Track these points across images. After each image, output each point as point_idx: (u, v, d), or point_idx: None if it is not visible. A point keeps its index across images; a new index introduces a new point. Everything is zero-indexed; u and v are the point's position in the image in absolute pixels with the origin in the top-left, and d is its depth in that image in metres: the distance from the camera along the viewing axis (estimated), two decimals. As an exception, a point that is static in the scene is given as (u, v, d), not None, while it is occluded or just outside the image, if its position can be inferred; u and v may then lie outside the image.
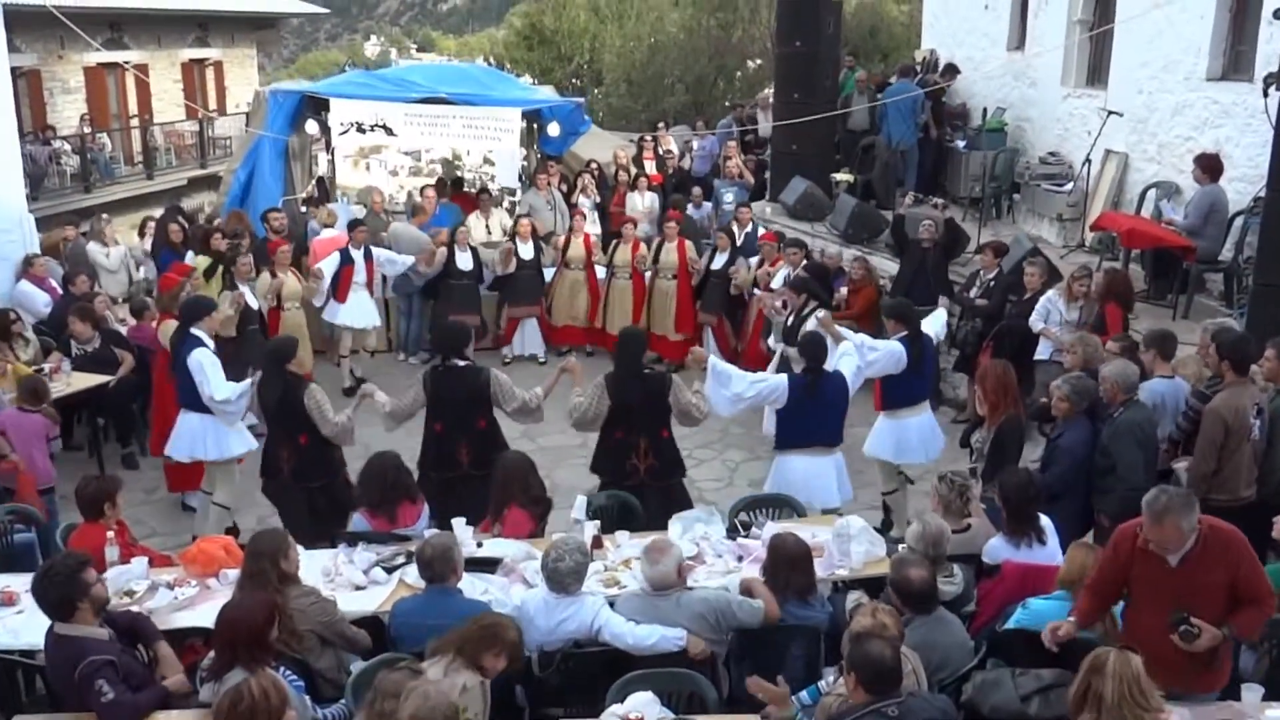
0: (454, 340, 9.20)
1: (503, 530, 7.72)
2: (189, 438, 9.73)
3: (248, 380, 9.34)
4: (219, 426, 9.63)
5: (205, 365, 9.36)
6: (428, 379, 9.00)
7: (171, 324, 10.10)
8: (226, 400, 9.29)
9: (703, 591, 6.52)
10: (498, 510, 7.84)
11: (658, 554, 6.40)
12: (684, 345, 14.38)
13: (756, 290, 13.44)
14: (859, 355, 9.27)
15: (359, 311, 14.05)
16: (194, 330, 9.54)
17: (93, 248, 14.54)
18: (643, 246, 15.03)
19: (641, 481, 8.77)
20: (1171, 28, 13.79)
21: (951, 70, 18.86)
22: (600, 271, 15.18)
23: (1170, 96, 13.87)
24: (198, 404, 9.50)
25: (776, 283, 12.79)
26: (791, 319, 11.50)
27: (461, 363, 9.01)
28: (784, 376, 9.08)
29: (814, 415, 8.84)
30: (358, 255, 13.92)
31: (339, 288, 13.77)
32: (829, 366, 9.04)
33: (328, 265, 13.64)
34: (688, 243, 14.87)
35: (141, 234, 15.40)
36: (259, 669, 5.32)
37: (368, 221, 15.59)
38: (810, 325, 10.47)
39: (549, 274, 15.23)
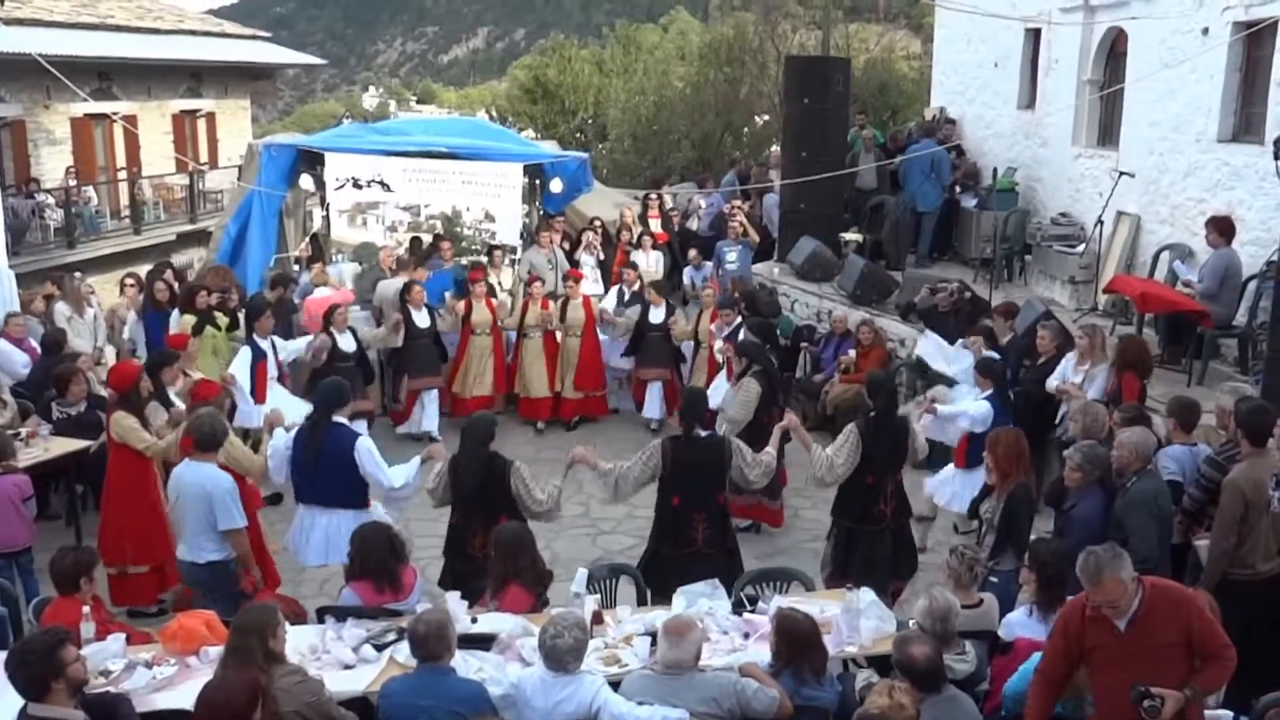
0: (697, 408, 8.96)
1: (500, 609, 7.45)
2: (323, 538, 8.93)
3: (417, 459, 8.92)
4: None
5: (375, 452, 8.86)
6: (667, 448, 8.68)
7: (231, 440, 8.94)
8: (405, 485, 8.85)
9: (717, 675, 6.27)
10: (497, 587, 7.60)
11: (677, 635, 6.16)
12: (585, 403, 14.73)
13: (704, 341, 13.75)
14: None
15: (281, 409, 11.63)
16: (336, 419, 8.96)
17: (59, 309, 13.73)
18: (551, 304, 14.77)
19: (887, 525, 9.01)
20: (1183, 87, 13.72)
21: (949, 121, 18.92)
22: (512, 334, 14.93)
23: (1182, 158, 13.77)
24: (346, 499, 8.87)
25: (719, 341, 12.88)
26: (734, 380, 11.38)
27: (704, 433, 8.79)
28: (987, 404, 9.79)
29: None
30: (267, 346, 12.20)
31: (256, 387, 11.93)
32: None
33: (240, 367, 11.83)
34: (593, 299, 14.92)
35: (122, 291, 14.81)
36: (241, 754, 5.10)
37: (370, 276, 15.29)
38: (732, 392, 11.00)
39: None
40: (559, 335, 14.71)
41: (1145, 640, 5.49)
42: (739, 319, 12.81)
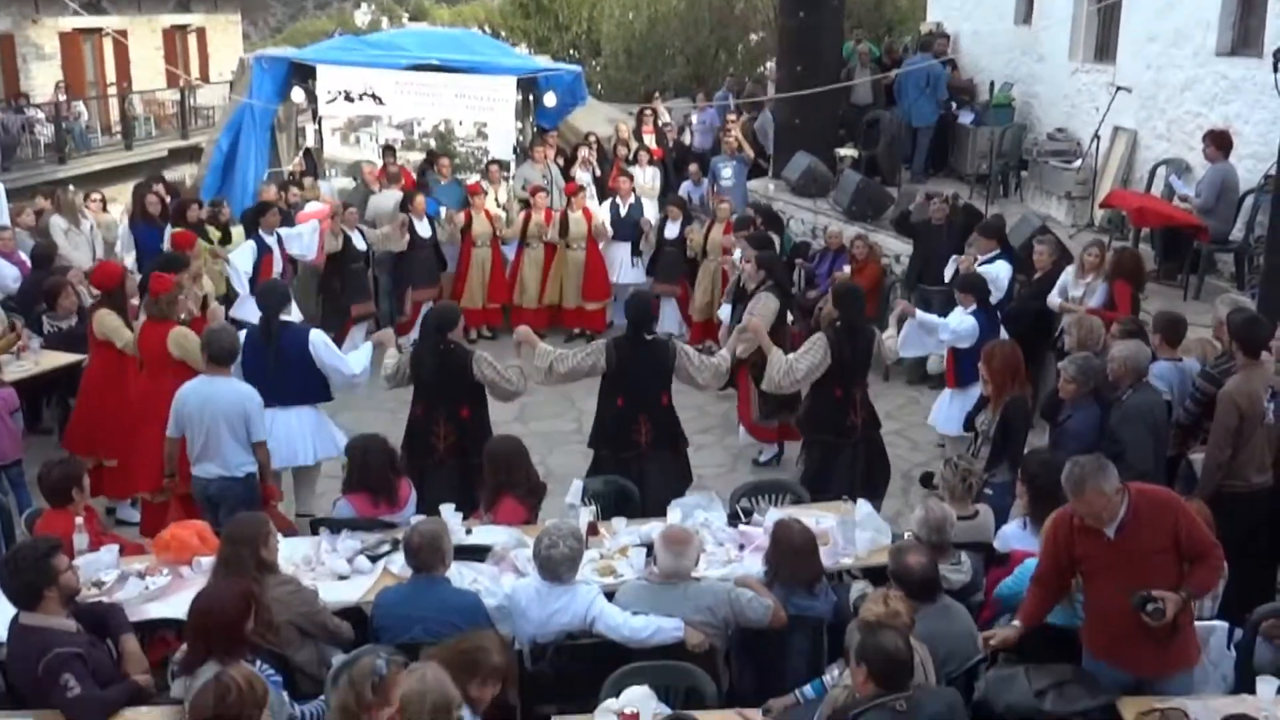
0: (645, 311, 8.88)
1: (495, 521, 7.42)
2: (286, 440, 8.75)
3: (368, 344, 9.03)
4: (323, 422, 9.02)
5: (330, 344, 8.86)
6: (612, 348, 8.60)
7: (183, 332, 8.87)
8: (364, 372, 8.86)
9: (711, 584, 6.28)
10: (491, 500, 7.57)
11: (680, 545, 6.16)
12: (584, 315, 14.63)
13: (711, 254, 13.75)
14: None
15: None
16: (284, 316, 8.99)
17: (55, 221, 13.59)
18: (554, 215, 14.73)
19: (859, 437, 8.93)
20: (1180, 0, 13.51)
21: (943, 36, 19.08)
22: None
23: (1179, 72, 13.59)
24: (305, 396, 8.84)
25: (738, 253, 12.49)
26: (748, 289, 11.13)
27: (649, 336, 8.74)
28: (972, 319, 9.58)
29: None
30: (273, 241, 12.21)
31: (258, 283, 11.65)
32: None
33: (241, 258, 12.00)
34: (594, 211, 14.80)
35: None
36: (234, 663, 5.07)
37: (358, 194, 15.13)
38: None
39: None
40: (559, 247, 14.66)
41: (1134, 546, 5.50)
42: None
